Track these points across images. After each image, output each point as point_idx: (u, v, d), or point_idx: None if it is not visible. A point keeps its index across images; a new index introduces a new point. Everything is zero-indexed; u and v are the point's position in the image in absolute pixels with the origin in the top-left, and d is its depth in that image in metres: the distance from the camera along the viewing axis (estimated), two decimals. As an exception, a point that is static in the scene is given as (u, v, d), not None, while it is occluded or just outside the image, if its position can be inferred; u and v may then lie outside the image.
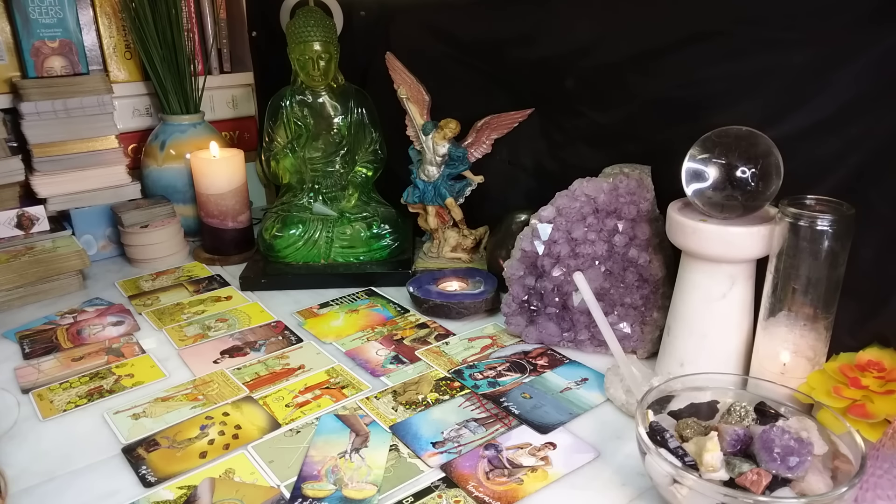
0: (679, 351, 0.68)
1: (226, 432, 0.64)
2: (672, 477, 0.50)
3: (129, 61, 1.14)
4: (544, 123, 0.90)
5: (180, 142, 1.11)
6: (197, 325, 0.86)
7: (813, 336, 0.60)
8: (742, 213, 0.62)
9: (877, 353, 0.58)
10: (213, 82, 1.22)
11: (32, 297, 0.93)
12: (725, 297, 0.64)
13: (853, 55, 0.60)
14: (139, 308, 0.91)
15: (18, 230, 0.99)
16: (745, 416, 0.55)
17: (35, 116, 1.00)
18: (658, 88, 0.76)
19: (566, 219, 0.77)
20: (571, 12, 0.82)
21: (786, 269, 0.59)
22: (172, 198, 1.11)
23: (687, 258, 0.66)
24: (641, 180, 0.75)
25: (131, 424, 0.66)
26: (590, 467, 0.59)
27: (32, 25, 1.02)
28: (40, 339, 0.83)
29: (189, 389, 0.72)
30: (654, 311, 0.75)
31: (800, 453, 0.49)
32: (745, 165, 0.62)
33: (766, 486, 0.48)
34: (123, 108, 1.14)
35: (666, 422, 0.56)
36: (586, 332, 0.77)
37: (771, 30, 0.64)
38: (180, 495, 0.56)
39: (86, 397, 0.71)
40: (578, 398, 0.69)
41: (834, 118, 0.62)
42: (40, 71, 1.04)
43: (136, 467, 0.60)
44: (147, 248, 1.04)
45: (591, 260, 0.76)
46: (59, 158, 1.03)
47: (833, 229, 0.56)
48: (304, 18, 0.96)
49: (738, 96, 0.68)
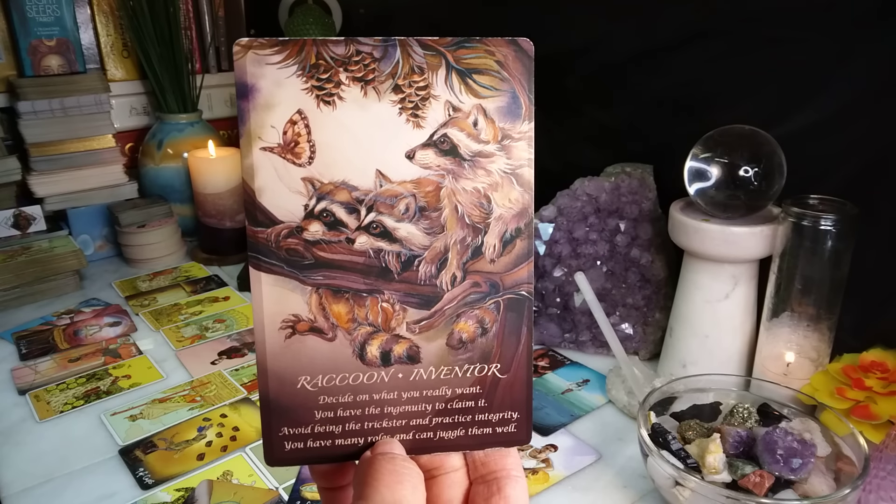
0: (681, 352, 0.67)
1: (224, 434, 0.64)
2: (674, 479, 0.49)
3: (126, 60, 1.14)
4: (545, 122, 0.90)
5: (178, 141, 1.11)
6: (194, 326, 0.85)
7: (816, 337, 0.60)
8: (745, 213, 0.62)
9: (880, 354, 0.58)
10: (211, 81, 1.22)
11: (29, 297, 0.92)
12: (728, 298, 0.64)
13: (857, 53, 0.59)
14: (136, 309, 0.90)
15: (15, 230, 0.98)
16: (747, 417, 0.55)
17: (32, 115, 0.99)
18: (660, 87, 0.75)
19: (567, 218, 0.76)
20: (573, 10, 0.82)
21: (789, 269, 0.59)
22: (170, 197, 1.10)
23: (689, 258, 0.66)
24: (643, 180, 0.75)
25: (128, 426, 0.65)
26: (591, 469, 0.59)
27: (29, 24, 1.01)
28: (37, 339, 0.82)
29: (186, 391, 0.71)
30: (656, 312, 0.75)
31: (803, 455, 0.49)
32: (748, 165, 0.62)
33: (768, 487, 0.48)
34: (120, 107, 1.13)
35: (668, 423, 0.56)
36: (588, 332, 0.77)
37: (774, 28, 0.64)
38: (178, 497, 0.56)
39: (83, 398, 0.70)
40: (580, 400, 0.69)
41: (837, 117, 0.61)
42: (37, 69, 1.04)
43: (134, 469, 0.59)
44: (144, 248, 1.03)
45: (592, 260, 0.76)
46: (56, 158, 1.03)
47: (836, 229, 0.56)
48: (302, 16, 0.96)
49: (740, 95, 0.68)
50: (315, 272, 0.25)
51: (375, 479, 0.24)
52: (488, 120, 0.25)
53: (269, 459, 0.26)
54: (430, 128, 0.25)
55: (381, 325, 0.26)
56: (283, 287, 0.25)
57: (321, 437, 0.26)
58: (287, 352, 0.25)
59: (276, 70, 0.24)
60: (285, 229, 0.25)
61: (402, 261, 0.25)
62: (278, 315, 0.25)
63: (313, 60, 0.24)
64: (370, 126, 0.25)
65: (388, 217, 0.25)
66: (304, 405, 0.26)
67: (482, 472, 0.27)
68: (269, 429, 0.26)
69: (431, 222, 0.25)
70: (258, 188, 0.24)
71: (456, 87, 0.25)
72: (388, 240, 0.25)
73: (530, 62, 0.25)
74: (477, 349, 0.26)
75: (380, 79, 0.24)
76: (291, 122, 0.24)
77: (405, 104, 0.25)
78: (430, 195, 0.25)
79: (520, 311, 0.26)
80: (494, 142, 0.25)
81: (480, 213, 0.26)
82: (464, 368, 0.26)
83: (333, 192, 0.25)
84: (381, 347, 0.26)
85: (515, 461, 0.27)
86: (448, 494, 0.27)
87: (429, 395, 0.26)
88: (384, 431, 0.26)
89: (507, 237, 0.26)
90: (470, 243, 0.26)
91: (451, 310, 0.26)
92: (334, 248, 0.25)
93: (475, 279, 0.26)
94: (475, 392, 0.27)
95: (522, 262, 0.26)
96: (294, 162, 0.24)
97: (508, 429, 0.27)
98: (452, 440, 0.27)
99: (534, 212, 0.26)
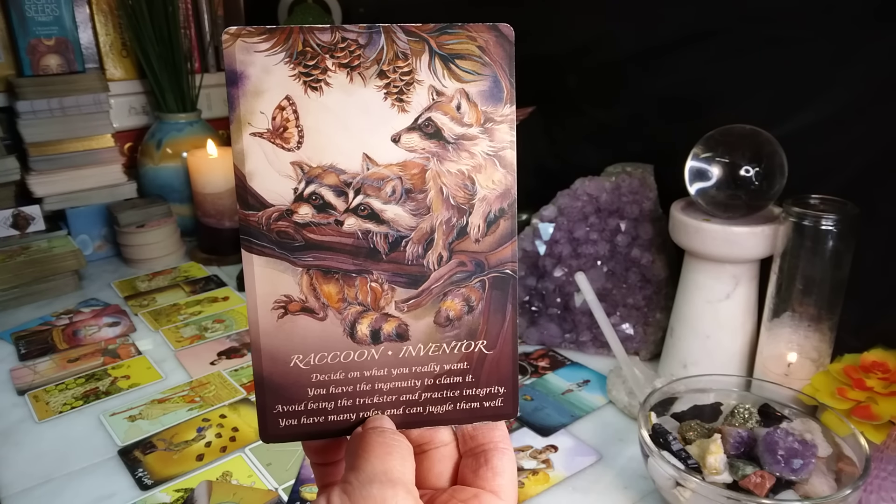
0: (682, 352, 0.67)
1: (223, 434, 0.64)
2: (675, 480, 0.49)
3: (125, 59, 1.13)
4: (546, 122, 0.90)
5: (177, 140, 1.11)
6: (194, 326, 0.85)
7: (817, 337, 0.60)
8: (746, 213, 0.62)
9: (881, 354, 0.58)
10: (210, 80, 1.21)
11: (28, 297, 0.92)
12: (729, 298, 0.63)
13: (858, 53, 0.59)
14: (135, 309, 0.90)
15: (14, 230, 0.98)
16: (748, 418, 0.55)
17: (31, 115, 0.99)
18: (661, 86, 0.75)
19: (568, 218, 0.76)
20: (574, 9, 0.82)
21: (790, 269, 0.59)
22: (169, 197, 1.10)
23: (690, 258, 0.65)
24: (644, 179, 0.75)
25: (127, 426, 0.65)
26: (592, 470, 0.59)
27: (28, 23, 1.01)
28: (36, 340, 0.82)
29: (186, 391, 0.71)
30: (656, 312, 0.75)
31: (804, 455, 0.49)
32: (749, 164, 0.62)
33: (769, 488, 0.48)
34: (119, 107, 1.13)
35: (669, 424, 0.56)
36: (588, 333, 0.76)
37: (775, 28, 0.64)
38: (177, 498, 0.56)
39: (82, 399, 0.70)
40: (580, 400, 0.69)
41: (838, 117, 0.61)
42: (36, 69, 1.03)
43: (133, 470, 0.59)
44: (143, 248, 1.03)
45: (593, 260, 0.75)
46: (55, 157, 1.02)
47: (837, 229, 0.56)
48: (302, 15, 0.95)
49: (741, 94, 0.68)
50: (305, 253, 0.26)
51: (366, 451, 0.25)
52: (471, 103, 0.26)
53: (264, 436, 0.27)
54: (414, 112, 0.25)
55: (371, 305, 0.26)
56: (275, 268, 0.26)
57: (314, 413, 0.27)
58: (280, 331, 0.26)
59: (265, 57, 0.25)
60: (276, 212, 0.25)
61: (390, 242, 0.26)
62: (270, 296, 0.26)
63: (300, 48, 0.25)
64: (356, 111, 0.25)
65: (376, 199, 0.26)
66: (297, 383, 0.27)
67: (471, 446, 0.28)
68: (264, 406, 0.27)
69: (417, 204, 0.26)
70: (249, 172, 0.25)
71: (439, 71, 0.26)
72: (376, 221, 0.26)
73: (511, 47, 0.26)
74: (464, 326, 0.27)
75: (365, 65, 0.25)
76: (280, 108, 0.25)
77: (390, 89, 0.25)
78: (416, 177, 0.26)
79: (504, 289, 0.27)
80: (477, 125, 0.26)
81: (465, 195, 0.26)
82: (451, 345, 0.27)
83: (322, 175, 0.25)
84: (371, 326, 0.27)
85: (503, 434, 0.28)
86: (439, 468, 0.28)
87: (418, 372, 0.27)
88: (375, 407, 0.27)
89: (491, 217, 0.26)
90: (455, 224, 0.26)
91: (438, 288, 0.27)
92: (324, 230, 0.26)
93: (461, 258, 0.27)
94: (462, 368, 0.27)
95: (506, 242, 0.27)
96: (283, 147, 0.25)
97: (495, 403, 0.28)
98: (441, 415, 0.28)
99: (516, 193, 0.27)
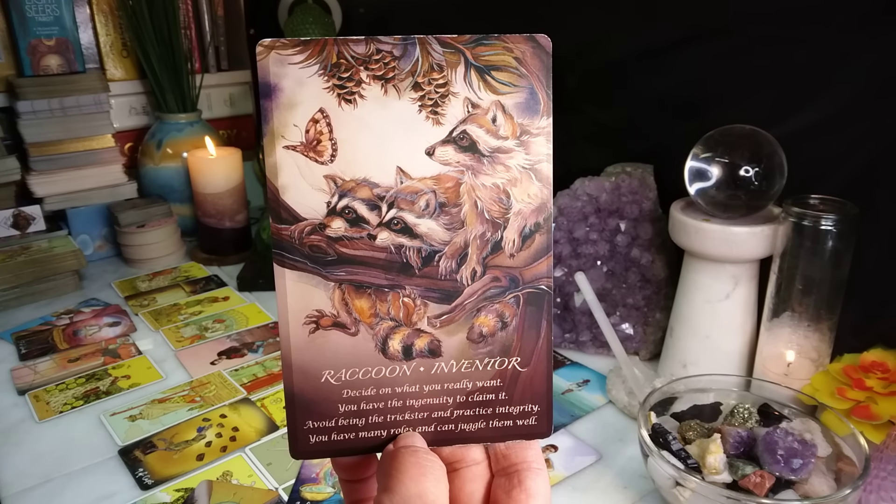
0: (682, 352, 0.67)
1: (223, 434, 0.64)
2: (675, 479, 0.49)
3: (125, 59, 1.14)
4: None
5: (177, 140, 1.11)
6: (194, 326, 0.85)
7: (817, 337, 0.60)
8: (745, 213, 0.62)
9: (881, 354, 0.58)
10: (211, 80, 1.22)
11: (28, 297, 0.92)
12: (729, 298, 0.64)
13: (857, 53, 0.59)
14: (136, 309, 0.90)
15: (14, 230, 0.98)
16: (748, 417, 0.55)
17: (31, 115, 0.99)
18: (661, 86, 0.75)
19: (568, 218, 0.76)
20: (573, 9, 0.82)
21: (789, 269, 0.59)
22: (169, 197, 1.10)
23: (690, 258, 0.66)
24: (644, 179, 0.75)
25: (128, 426, 0.65)
26: (591, 470, 0.59)
27: (29, 23, 1.01)
28: (36, 339, 0.82)
29: (186, 391, 0.71)
30: (656, 312, 0.75)
31: (803, 455, 0.49)
32: (749, 164, 0.62)
33: (769, 488, 0.48)
34: (120, 107, 1.13)
35: (668, 424, 0.56)
36: (588, 333, 0.76)
37: (774, 28, 0.64)
38: (177, 498, 0.56)
39: (82, 399, 0.70)
40: (580, 400, 0.69)
41: (838, 117, 0.61)
42: (37, 69, 1.03)
43: (133, 469, 0.59)
44: (143, 248, 1.03)
45: (592, 260, 0.75)
46: (56, 158, 1.02)
47: (837, 229, 0.56)
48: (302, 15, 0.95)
49: (741, 95, 0.68)
50: (338, 268, 0.26)
51: (400, 472, 0.24)
52: (507, 116, 0.25)
53: (294, 453, 0.27)
54: (449, 125, 0.25)
55: (403, 320, 0.26)
56: (307, 283, 0.25)
57: (345, 430, 0.27)
58: (311, 346, 0.26)
59: (298, 70, 0.24)
60: (308, 226, 0.25)
61: (423, 256, 0.26)
62: (302, 311, 0.26)
63: (334, 60, 0.24)
64: (390, 123, 0.25)
65: (409, 213, 0.25)
66: (328, 399, 0.26)
67: (503, 465, 0.27)
68: (294, 422, 0.26)
69: (451, 218, 0.26)
70: (282, 186, 0.25)
71: (475, 83, 0.25)
72: (409, 235, 0.26)
73: (548, 58, 0.25)
74: (497, 343, 0.27)
75: (400, 77, 0.25)
76: (314, 121, 0.25)
77: (425, 101, 0.25)
78: (450, 191, 0.26)
79: (539, 305, 0.26)
80: (513, 137, 0.25)
81: (500, 209, 0.26)
82: (484, 362, 0.27)
83: (355, 189, 0.25)
84: (403, 342, 0.26)
85: (537, 454, 0.27)
86: (470, 487, 0.27)
87: (450, 389, 0.27)
88: (406, 424, 0.27)
89: (527, 232, 0.26)
90: (489, 238, 0.26)
91: (472, 304, 0.26)
92: (356, 245, 0.25)
93: (495, 274, 0.26)
94: (495, 385, 0.27)
95: (542, 257, 0.26)
96: (316, 160, 0.25)
97: (529, 421, 0.27)
98: (473, 432, 0.27)
99: (552, 207, 0.26)
